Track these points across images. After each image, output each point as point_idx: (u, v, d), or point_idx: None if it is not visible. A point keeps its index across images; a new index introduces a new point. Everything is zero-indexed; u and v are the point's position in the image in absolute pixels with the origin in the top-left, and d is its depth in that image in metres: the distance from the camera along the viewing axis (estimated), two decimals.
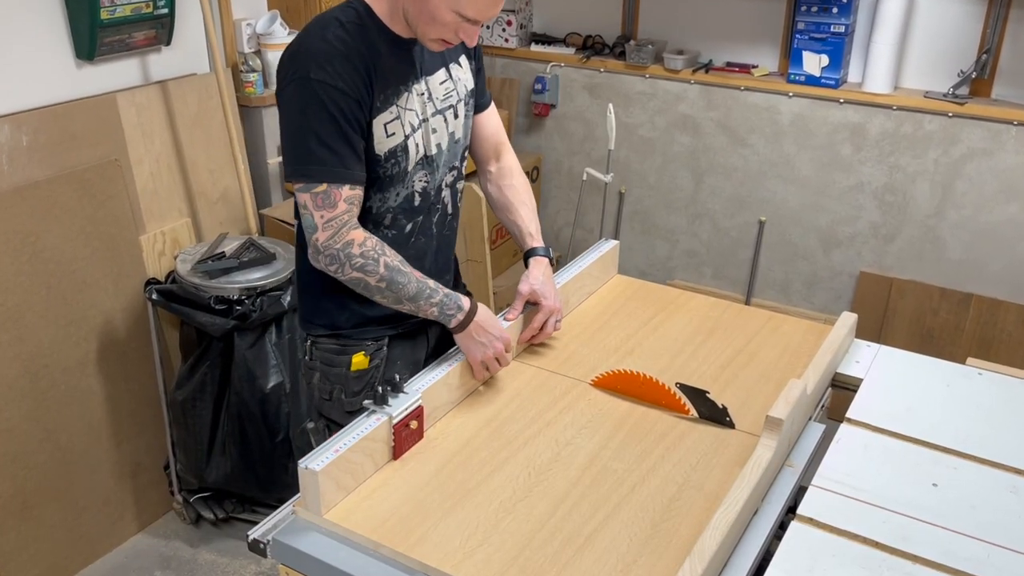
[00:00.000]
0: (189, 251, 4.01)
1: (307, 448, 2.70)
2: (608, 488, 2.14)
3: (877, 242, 4.78)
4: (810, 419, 2.45)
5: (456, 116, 2.57)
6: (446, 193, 2.63)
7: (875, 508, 2.08)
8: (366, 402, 2.23)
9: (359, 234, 2.35)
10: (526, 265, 2.77)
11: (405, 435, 2.24)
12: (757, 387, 2.56)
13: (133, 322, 3.93)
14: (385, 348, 2.61)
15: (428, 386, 2.34)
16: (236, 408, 3.85)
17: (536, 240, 2.78)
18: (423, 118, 2.46)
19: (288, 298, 3.78)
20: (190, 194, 4.18)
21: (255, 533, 2.04)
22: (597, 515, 2.06)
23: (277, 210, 4.47)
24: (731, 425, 2.36)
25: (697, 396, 2.39)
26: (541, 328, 2.71)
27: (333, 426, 2.64)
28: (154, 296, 3.82)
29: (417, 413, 2.26)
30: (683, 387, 2.41)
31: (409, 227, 2.54)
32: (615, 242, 3.21)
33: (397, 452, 2.23)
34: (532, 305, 2.71)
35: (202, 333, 3.83)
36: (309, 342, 2.64)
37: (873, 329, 4.79)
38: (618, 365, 2.59)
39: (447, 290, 2.46)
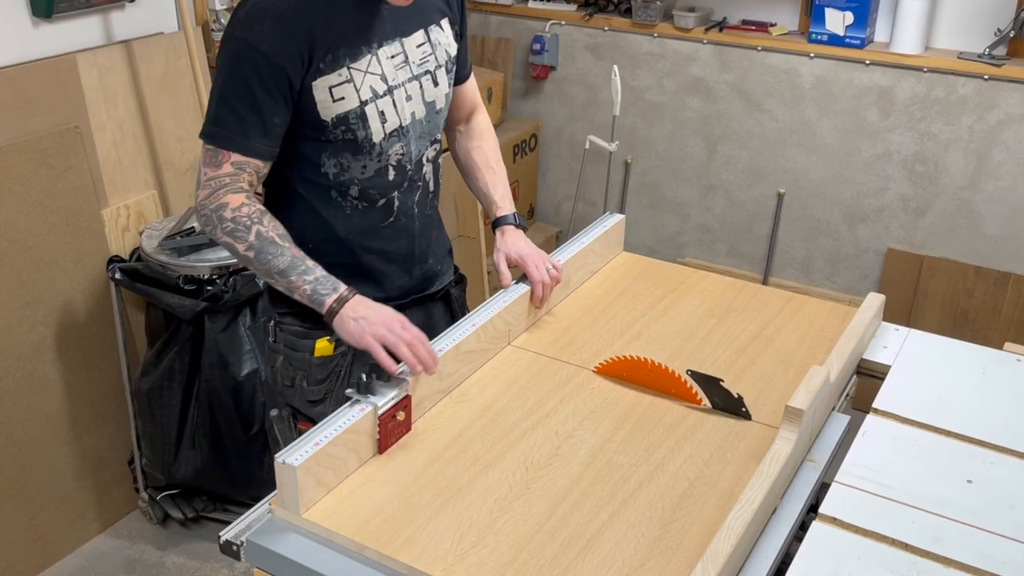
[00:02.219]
0: (156, 226, 4.00)
1: (273, 436, 2.72)
2: (613, 485, 2.13)
3: (906, 216, 4.78)
4: (833, 410, 2.44)
5: (436, 84, 2.56)
6: (427, 168, 2.62)
7: (904, 507, 2.07)
8: (348, 391, 2.22)
9: (237, 199, 2.34)
10: (494, 231, 2.79)
11: (391, 427, 2.23)
12: (776, 375, 2.55)
13: (94, 304, 3.92)
14: None
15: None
16: (207, 397, 3.85)
17: (504, 207, 2.79)
18: (394, 84, 2.45)
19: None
20: (157, 164, 4.17)
21: (227, 534, 2.04)
22: (600, 514, 2.05)
23: None
24: (747, 416, 2.36)
25: (710, 384, 2.38)
26: (543, 291, 2.71)
27: (298, 415, 2.64)
28: (117, 275, 3.81)
29: (404, 403, 2.25)
30: (695, 375, 2.41)
31: (383, 203, 2.54)
32: (620, 216, 3.20)
33: (383, 445, 2.22)
34: (522, 279, 2.73)
35: (170, 316, 3.82)
36: (273, 322, 2.65)
37: (902, 311, 4.79)
38: (624, 350, 2.59)
39: (325, 272, 2.38)
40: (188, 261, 3.75)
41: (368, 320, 2.30)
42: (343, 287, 2.35)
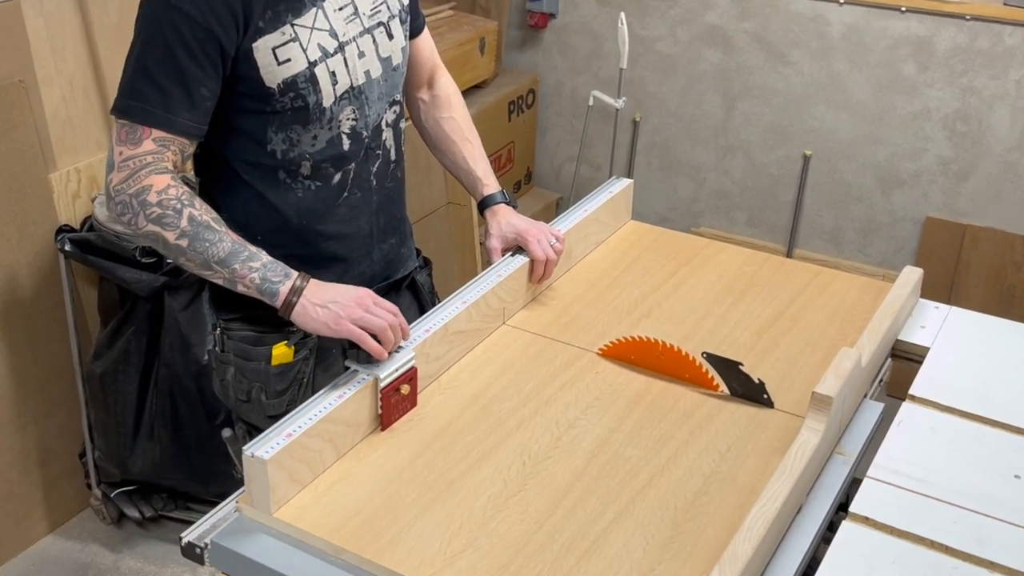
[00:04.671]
0: None
1: (228, 458, 2.68)
2: (620, 480, 2.13)
3: (947, 181, 4.78)
4: (865, 397, 2.45)
5: (391, 37, 2.53)
6: (387, 135, 2.58)
7: (944, 504, 2.07)
8: (347, 361, 2.21)
9: (161, 180, 2.27)
10: (482, 216, 2.77)
11: (395, 401, 2.23)
12: (802, 358, 2.55)
13: (41, 278, 3.91)
14: (315, 335, 2.52)
15: (419, 341, 2.33)
16: (167, 383, 3.84)
17: (489, 185, 2.77)
18: (345, 40, 2.41)
19: None
20: (111, 122, 4.15)
21: (190, 535, 2.04)
22: (606, 513, 2.04)
23: None
24: (769, 404, 2.36)
25: (728, 369, 2.38)
26: (544, 266, 2.70)
27: (255, 432, 2.61)
28: (67, 247, 3.80)
29: (410, 375, 2.26)
30: (711, 358, 2.41)
31: (338, 177, 2.50)
32: (628, 181, 3.19)
33: (385, 422, 2.23)
34: (518, 251, 2.72)
35: (125, 292, 3.82)
36: (219, 330, 2.59)
37: (942, 287, 4.80)
38: (632, 330, 2.58)
39: (271, 257, 2.31)
40: None
41: (339, 304, 2.25)
42: (294, 272, 2.29)
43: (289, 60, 2.32)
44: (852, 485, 2.17)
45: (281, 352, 2.53)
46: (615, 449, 2.22)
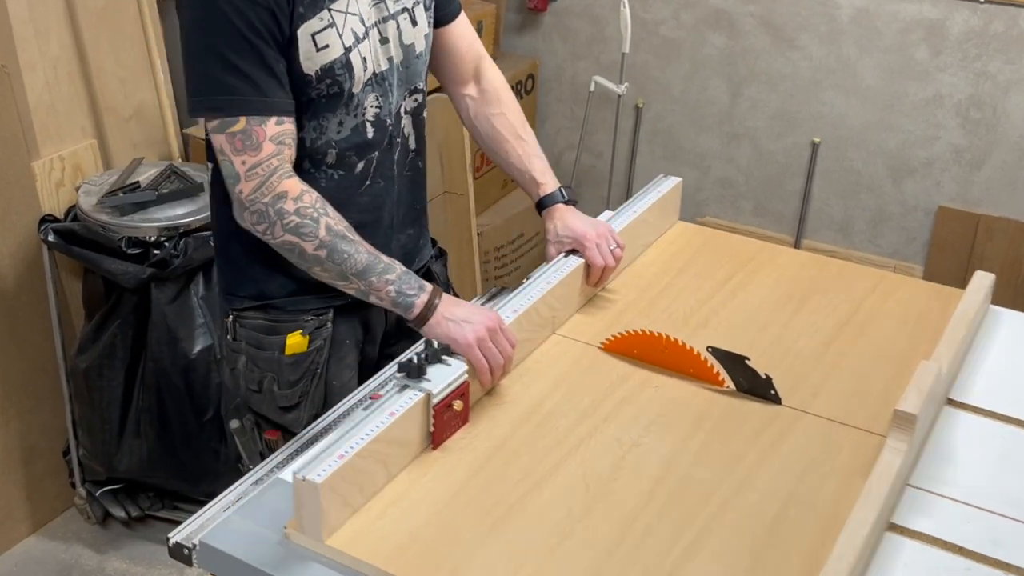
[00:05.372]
0: (95, 181, 4.00)
1: (234, 450, 2.68)
2: (691, 505, 2.07)
3: (960, 169, 4.78)
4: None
5: (414, 23, 2.52)
6: (406, 123, 2.58)
7: (960, 504, 2.07)
8: (397, 375, 2.18)
9: (294, 185, 2.29)
10: (540, 214, 2.74)
11: (447, 418, 2.19)
12: (873, 371, 2.50)
13: (24, 270, 3.91)
14: (329, 325, 2.56)
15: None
16: (154, 378, 3.85)
17: (546, 184, 2.74)
18: (371, 24, 2.42)
19: None
20: (96, 109, 4.16)
21: (178, 535, 2.04)
22: (680, 541, 1.98)
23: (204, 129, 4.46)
24: (777, 400, 2.35)
25: (734, 363, 2.38)
26: (603, 270, 2.68)
27: (264, 423, 2.62)
28: (51, 237, 3.81)
29: (462, 390, 2.21)
30: (716, 352, 2.40)
31: (361, 166, 2.50)
32: (677, 180, 3.14)
33: (436, 440, 2.19)
34: (571, 252, 2.69)
35: (111, 284, 3.82)
36: (231, 318, 2.60)
37: (955, 278, 4.79)
38: (689, 341, 2.48)
39: (403, 267, 2.37)
40: (132, 221, 3.75)
41: (471, 324, 2.28)
42: (428, 285, 2.34)
43: (328, 46, 2.33)
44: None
45: (295, 341, 2.53)
46: (684, 471, 2.16)
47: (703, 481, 2.13)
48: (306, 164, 2.44)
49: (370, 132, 2.48)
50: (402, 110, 2.55)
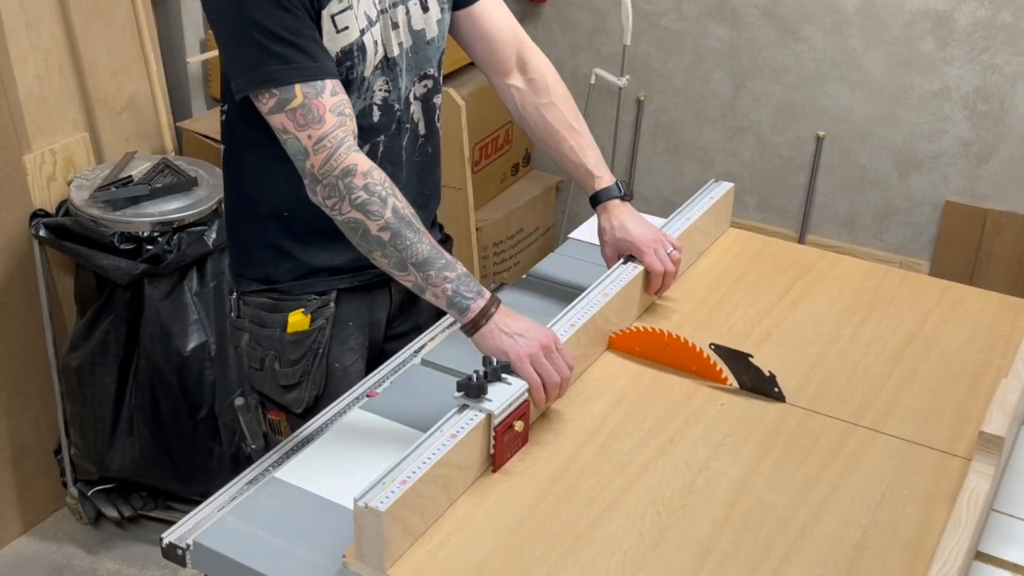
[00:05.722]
0: (87, 175, 3.99)
1: (238, 431, 2.69)
2: (768, 532, 2.03)
3: (967, 163, 4.77)
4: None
5: (425, 9, 2.52)
6: (415, 108, 2.59)
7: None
8: (457, 395, 2.14)
9: (362, 160, 2.27)
10: (593, 208, 2.71)
11: (508, 439, 2.16)
12: (945, 387, 2.46)
13: (15, 265, 3.91)
14: (332, 304, 2.58)
15: None
16: (147, 376, 3.85)
17: (602, 177, 2.70)
18: (382, 8, 2.42)
19: (213, 235, 3.76)
20: (88, 102, 4.15)
21: (171, 536, 2.04)
22: (760, 570, 1.95)
23: (199, 122, 4.45)
24: (781, 398, 2.35)
25: (738, 361, 2.37)
26: (662, 276, 2.64)
27: (268, 403, 2.62)
28: (42, 232, 3.81)
29: (523, 410, 2.18)
30: (719, 349, 2.40)
31: (367, 149, 2.48)
32: (729, 185, 3.11)
33: (497, 462, 2.16)
34: (629, 259, 2.66)
35: (103, 280, 3.82)
36: (235, 295, 2.63)
37: (963, 274, 4.79)
38: (754, 353, 2.43)
39: (464, 268, 2.33)
40: (125, 215, 3.75)
41: (526, 340, 2.24)
42: (487, 292, 2.31)
43: (347, 28, 2.33)
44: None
45: (297, 320, 2.53)
46: (757, 495, 2.12)
47: (778, 506, 2.09)
48: None
49: (376, 115, 2.48)
50: (411, 95, 2.56)
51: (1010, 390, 2.15)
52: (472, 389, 2.11)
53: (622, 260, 2.65)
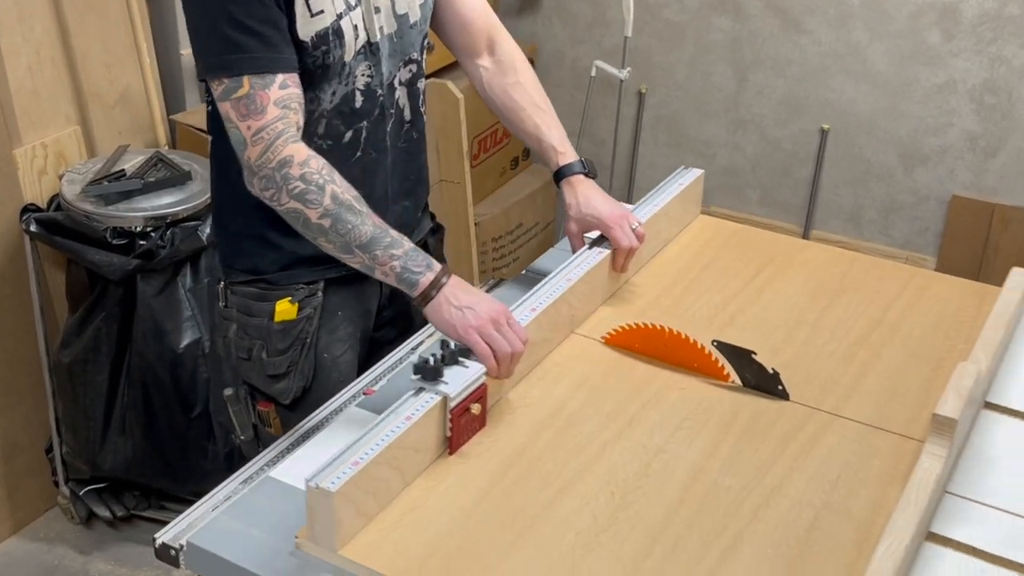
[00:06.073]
0: (79, 169, 3.99)
1: (227, 423, 2.70)
2: (722, 514, 2.05)
3: (974, 157, 4.77)
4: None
5: None
6: (400, 94, 2.59)
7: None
8: (413, 377, 2.16)
9: (300, 150, 2.30)
10: (558, 187, 2.74)
11: (465, 422, 2.18)
12: (907, 371, 2.48)
13: (6, 261, 3.91)
14: (320, 294, 2.59)
15: None
16: (139, 373, 3.85)
17: (566, 153, 2.75)
18: None
19: (207, 230, 3.76)
20: (80, 95, 4.15)
21: (164, 536, 2.04)
22: (711, 553, 1.97)
23: (192, 115, 4.45)
24: (785, 396, 2.35)
25: (740, 358, 2.37)
26: (626, 253, 2.68)
27: (257, 393, 2.63)
28: (33, 227, 3.81)
29: (480, 393, 2.20)
30: (721, 346, 2.40)
31: (350, 136, 2.51)
32: (699, 171, 3.13)
33: (454, 445, 2.18)
34: (596, 242, 2.69)
35: (95, 276, 3.82)
36: (223, 284, 2.64)
37: (970, 269, 4.79)
38: (718, 337, 2.47)
39: (411, 243, 2.36)
40: (117, 210, 3.74)
41: (474, 312, 2.27)
42: (436, 264, 2.33)
43: (322, 12, 2.34)
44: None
45: (284, 308, 2.54)
46: (712, 478, 2.14)
47: (732, 488, 2.11)
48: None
49: (359, 101, 2.49)
50: (396, 81, 2.57)
51: (966, 374, 2.17)
52: (429, 372, 2.14)
53: (587, 245, 2.69)
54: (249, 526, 2.03)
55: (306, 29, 2.33)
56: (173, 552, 2.02)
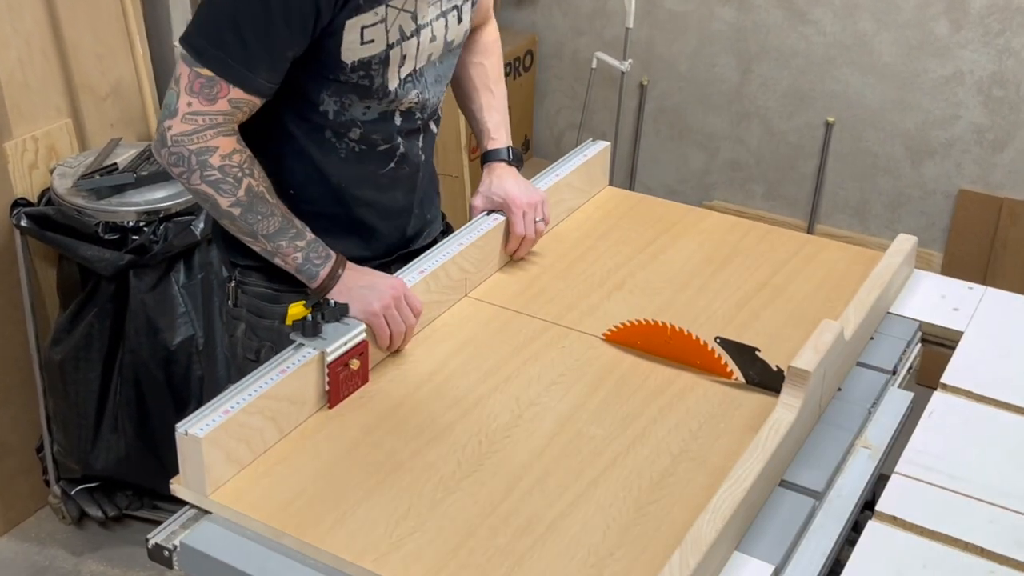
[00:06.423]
0: (70, 162, 3.99)
1: None
2: (582, 460, 2.15)
3: (982, 151, 4.77)
4: (889, 384, 2.43)
5: (460, 20, 2.56)
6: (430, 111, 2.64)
7: (979, 503, 2.07)
8: (293, 334, 2.24)
9: (228, 143, 2.32)
10: (482, 167, 2.81)
11: (344, 377, 2.26)
12: (783, 331, 2.56)
13: None
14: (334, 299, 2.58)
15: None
16: (132, 371, 3.85)
17: (496, 139, 2.81)
18: (422, 23, 2.44)
19: (201, 225, 3.76)
20: (71, 87, 4.15)
21: (157, 536, 2.04)
22: (566, 495, 2.06)
23: None
24: None
25: (743, 355, 2.37)
26: (521, 240, 2.75)
27: None
28: (23, 222, 3.80)
29: (360, 349, 2.29)
30: (725, 343, 2.40)
31: (385, 148, 2.54)
32: (605, 144, 3.22)
33: (333, 399, 2.26)
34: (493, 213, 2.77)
35: (87, 271, 3.82)
36: (234, 283, 2.65)
37: (977, 265, 4.79)
38: (603, 302, 2.65)
39: (313, 234, 2.44)
40: (109, 205, 3.74)
41: (376, 291, 2.37)
42: (333, 255, 2.42)
43: (372, 41, 2.36)
44: (879, 482, 2.17)
45: (297, 311, 2.52)
46: (578, 428, 2.24)
47: (596, 438, 2.21)
48: (328, 134, 2.48)
49: (398, 120, 2.53)
50: (441, 105, 2.64)
51: (827, 329, 2.25)
52: (308, 328, 2.23)
53: (486, 212, 2.76)
54: (244, 527, 2.03)
55: (350, 54, 2.35)
56: (166, 553, 2.02)
